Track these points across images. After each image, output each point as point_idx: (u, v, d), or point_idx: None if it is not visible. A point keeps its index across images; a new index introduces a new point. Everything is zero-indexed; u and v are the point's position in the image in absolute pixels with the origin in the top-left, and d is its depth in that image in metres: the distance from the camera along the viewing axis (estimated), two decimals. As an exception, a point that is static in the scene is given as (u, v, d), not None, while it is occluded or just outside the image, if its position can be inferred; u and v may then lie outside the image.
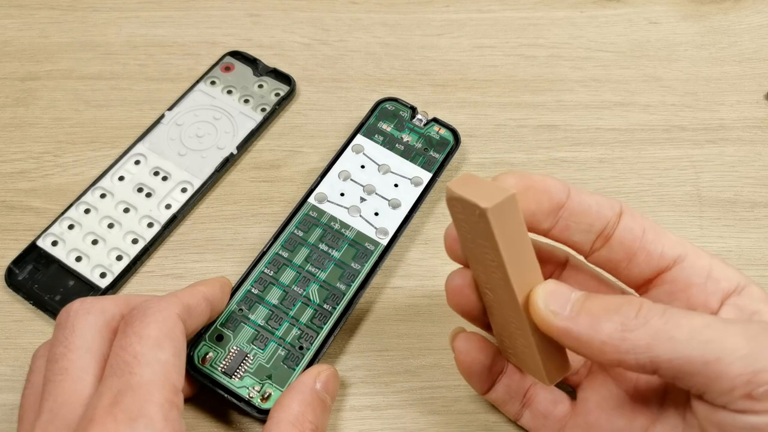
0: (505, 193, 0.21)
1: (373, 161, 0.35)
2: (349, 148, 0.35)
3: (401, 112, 0.36)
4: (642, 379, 0.25)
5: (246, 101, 0.38)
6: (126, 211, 0.35)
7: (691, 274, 0.23)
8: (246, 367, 0.29)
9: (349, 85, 0.40)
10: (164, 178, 0.35)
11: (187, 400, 0.29)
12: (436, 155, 0.35)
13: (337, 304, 0.31)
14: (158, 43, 0.41)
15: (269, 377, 0.29)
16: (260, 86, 0.39)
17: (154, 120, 0.37)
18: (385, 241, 0.32)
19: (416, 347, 0.31)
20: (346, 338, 0.32)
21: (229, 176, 0.37)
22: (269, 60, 0.40)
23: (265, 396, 0.28)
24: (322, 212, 0.33)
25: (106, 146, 0.37)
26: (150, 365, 0.23)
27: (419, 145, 0.35)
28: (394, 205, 0.34)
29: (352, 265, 0.32)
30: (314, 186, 0.34)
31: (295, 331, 0.30)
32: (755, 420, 0.20)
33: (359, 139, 0.36)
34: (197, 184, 0.35)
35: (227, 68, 0.39)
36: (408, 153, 0.35)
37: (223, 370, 0.29)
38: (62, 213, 0.34)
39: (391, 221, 0.33)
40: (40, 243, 0.33)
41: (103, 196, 0.35)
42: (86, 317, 0.24)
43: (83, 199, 0.35)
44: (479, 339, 0.27)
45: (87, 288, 0.32)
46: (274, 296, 0.31)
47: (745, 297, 0.23)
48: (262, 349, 0.29)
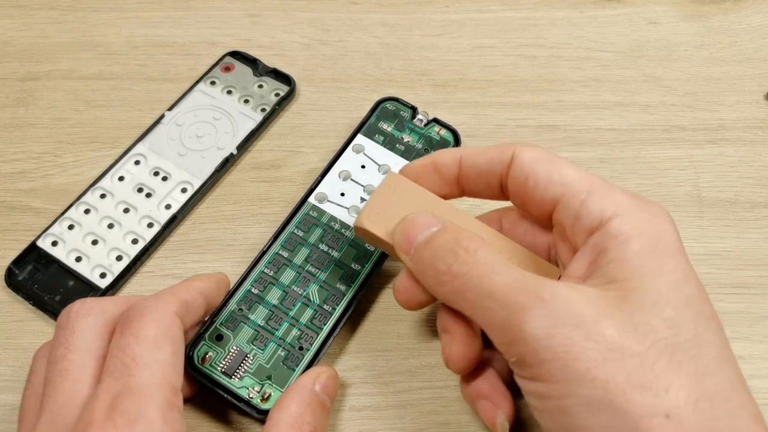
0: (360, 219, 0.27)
1: (374, 161, 0.35)
2: (349, 148, 0.35)
3: (402, 112, 0.36)
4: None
5: (246, 101, 0.38)
6: (126, 211, 0.35)
7: (565, 216, 0.25)
8: (246, 368, 0.29)
9: (349, 85, 0.40)
10: (164, 179, 0.35)
11: (187, 401, 0.29)
12: None
13: (337, 305, 0.31)
14: (158, 43, 0.41)
15: (269, 378, 0.29)
16: (260, 86, 0.39)
17: (154, 120, 0.37)
18: None
19: (416, 347, 0.31)
20: (346, 338, 0.32)
21: (229, 176, 0.37)
22: (269, 60, 0.40)
23: (265, 396, 0.28)
24: (322, 212, 0.33)
25: (106, 146, 0.37)
26: (149, 367, 0.23)
27: (420, 145, 0.35)
28: None
29: (353, 265, 0.32)
30: (314, 186, 0.34)
31: (295, 332, 0.30)
32: (523, 384, 0.23)
33: (360, 138, 0.36)
34: (197, 184, 0.35)
35: (227, 68, 0.39)
36: (408, 153, 0.35)
37: (222, 370, 0.29)
38: (62, 213, 0.34)
39: None
40: (40, 243, 0.33)
41: (103, 196, 0.35)
42: (86, 318, 0.24)
43: (83, 199, 0.35)
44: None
45: (87, 288, 0.32)
46: (274, 296, 0.31)
47: (600, 234, 0.24)
48: (262, 350, 0.29)
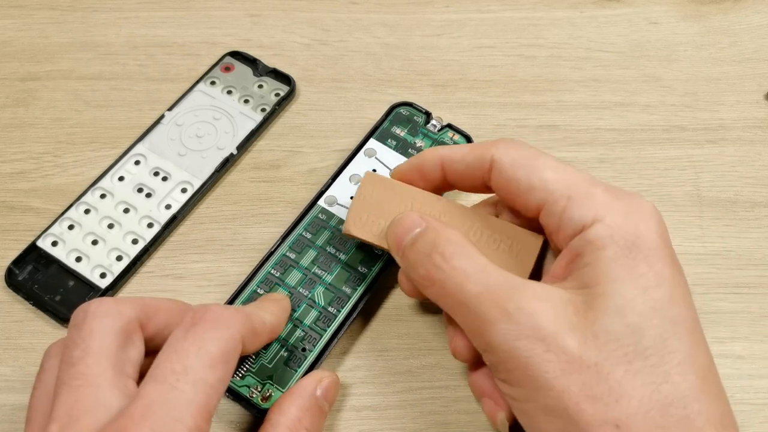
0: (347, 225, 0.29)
1: (386, 166, 0.35)
2: (361, 152, 0.35)
3: (415, 117, 0.36)
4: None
5: (246, 101, 0.38)
6: (126, 211, 0.35)
7: (549, 222, 0.25)
8: (248, 367, 0.29)
9: (349, 86, 0.40)
10: (164, 179, 0.35)
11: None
12: None
13: (342, 307, 0.31)
14: (158, 44, 0.41)
15: (270, 378, 0.29)
16: (260, 86, 0.39)
17: (154, 120, 0.37)
18: None
19: (416, 347, 0.31)
20: (346, 338, 0.32)
21: (229, 176, 0.37)
22: (269, 60, 0.40)
23: (266, 396, 0.28)
24: (331, 215, 0.33)
25: (106, 146, 0.37)
26: (195, 385, 0.22)
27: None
28: None
29: (359, 268, 0.32)
30: (324, 189, 0.34)
31: (298, 333, 0.30)
32: (498, 384, 0.25)
33: (372, 143, 0.35)
34: (197, 184, 0.35)
35: (227, 68, 0.39)
36: None
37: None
38: (62, 213, 0.34)
39: None
40: (40, 243, 0.33)
41: (103, 196, 0.35)
42: (104, 320, 0.23)
43: (83, 199, 0.35)
44: None
45: (87, 288, 0.32)
46: None
47: (579, 239, 0.24)
48: (265, 350, 0.29)
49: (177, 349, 0.22)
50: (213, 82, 0.39)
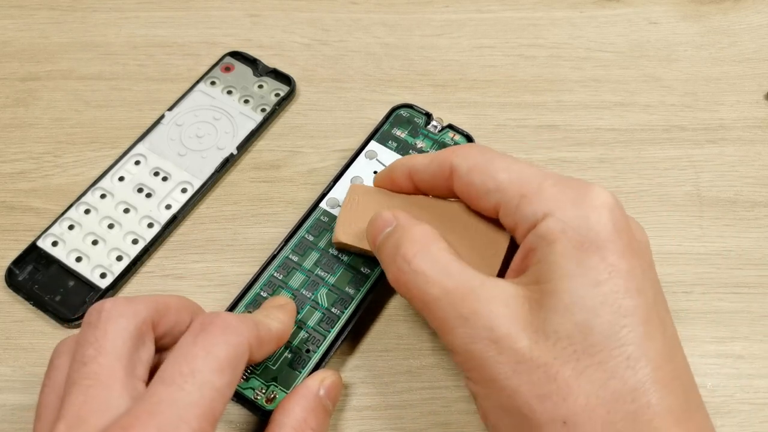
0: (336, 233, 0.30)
1: (387, 167, 0.35)
2: (362, 154, 0.35)
3: (416, 119, 0.36)
4: None
5: (246, 101, 0.38)
6: (126, 211, 0.35)
7: (506, 221, 0.26)
8: (252, 369, 0.29)
9: (349, 86, 0.40)
10: (164, 179, 0.35)
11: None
12: None
13: (345, 309, 0.31)
14: (158, 44, 0.41)
15: (275, 380, 0.29)
16: (260, 86, 0.39)
17: (154, 120, 0.37)
18: None
19: (417, 348, 0.31)
20: (348, 339, 0.32)
21: (229, 176, 0.37)
22: (269, 60, 0.40)
23: (270, 398, 0.28)
24: (333, 217, 0.33)
25: (106, 146, 0.37)
26: (202, 388, 0.22)
27: (433, 151, 0.35)
28: None
29: (362, 269, 0.31)
30: (326, 191, 0.34)
31: (302, 334, 0.30)
32: (465, 381, 0.25)
33: (373, 145, 0.35)
34: (197, 184, 0.35)
35: (227, 68, 0.39)
36: None
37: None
38: (62, 213, 0.34)
39: None
40: (40, 243, 0.33)
41: (103, 196, 0.35)
42: (119, 320, 0.23)
43: (83, 199, 0.35)
44: None
45: (87, 288, 0.32)
46: None
47: (531, 235, 0.24)
48: None
49: (185, 352, 0.22)
50: (213, 82, 0.39)
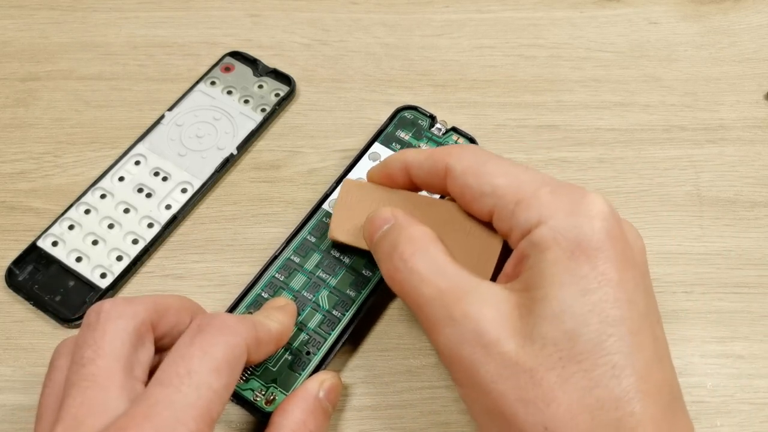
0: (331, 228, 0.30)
1: None
2: (365, 156, 0.35)
3: (420, 121, 0.36)
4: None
5: (246, 102, 0.38)
6: (126, 211, 0.35)
7: (500, 226, 0.26)
8: (252, 370, 0.29)
9: (349, 86, 0.40)
10: (164, 179, 0.35)
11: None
12: None
13: (347, 311, 0.31)
14: (158, 44, 0.41)
15: (275, 381, 0.29)
16: (260, 87, 0.39)
17: (154, 120, 0.37)
18: None
19: (417, 347, 0.31)
20: (349, 339, 0.32)
21: (229, 177, 0.37)
22: (269, 60, 0.40)
23: (270, 399, 0.28)
24: None
25: (106, 147, 0.37)
26: (199, 389, 0.22)
27: (429, 147, 0.35)
28: None
29: (363, 271, 0.31)
30: (329, 192, 0.34)
31: (302, 336, 0.30)
32: (454, 383, 0.26)
33: (376, 147, 0.35)
34: (197, 184, 0.35)
35: (227, 69, 0.39)
36: None
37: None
38: (62, 213, 0.34)
39: None
40: (40, 243, 0.33)
41: (103, 196, 0.35)
42: (117, 322, 0.23)
43: (83, 199, 0.35)
44: None
45: (87, 288, 0.32)
46: None
47: (525, 241, 0.24)
48: None
49: (183, 353, 0.22)
50: (213, 83, 0.39)
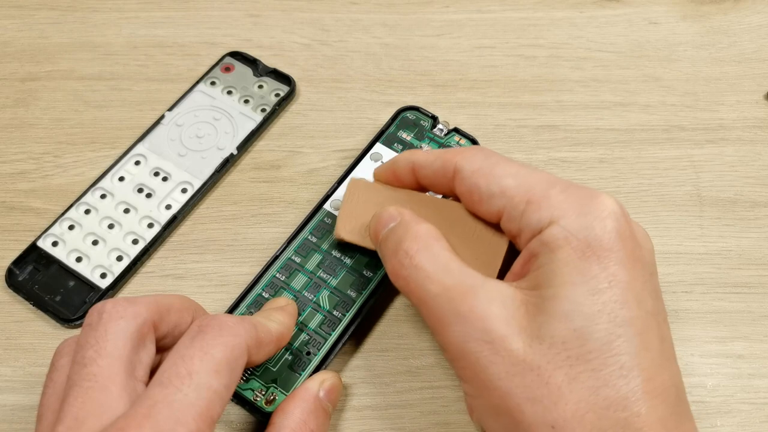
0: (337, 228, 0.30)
1: None
2: (367, 157, 0.35)
3: (422, 122, 0.36)
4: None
5: (246, 102, 0.38)
6: (126, 211, 0.35)
7: (509, 227, 0.26)
8: (252, 370, 0.29)
9: (349, 86, 0.40)
10: (164, 179, 0.35)
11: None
12: None
13: (347, 311, 0.31)
14: (158, 44, 0.41)
15: (275, 381, 0.29)
16: (260, 87, 0.39)
17: (154, 120, 0.37)
18: None
19: (417, 347, 0.31)
20: (348, 340, 0.32)
21: (229, 177, 0.37)
22: (269, 60, 0.40)
23: (270, 400, 0.28)
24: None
25: (106, 147, 0.37)
26: (199, 389, 0.22)
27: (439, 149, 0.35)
28: None
29: (364, 272, 0.31)
30: (330, 192, 0.34)
31: (303, 337, 0.30)
32: (459, 380, 0.25)
33: (378, 147, 0.35)
34: (197, 184, 0.35)
35: (227, 69, 0.39)
36: None
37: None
38: (62, 213, 0.34)
39: None
40: (40, 243, 0.33)
41: (103, 196, 0.35)
42: (119, 322, 0.23)
43: (83, 199, 0.35)
44: None
45: (87, 288, 0.32)
46: None
47: (536, 240, 0.24)
48: None
49: (183, 354, 0.22)
50: (213, 83, 0.39)
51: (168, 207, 0.35)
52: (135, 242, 0.34)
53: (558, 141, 0.38)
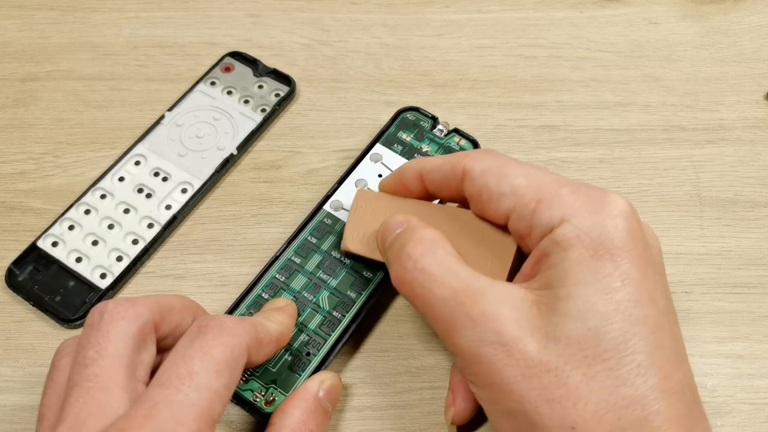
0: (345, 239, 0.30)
1: (392, 171, 0.34)
2: (367, 157, 0.35)
3: (422, 122, 0.36)
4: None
5: (246, 102, 0.38)
6: (126, 211, 0.35)
7: (519, 226, 0.26)
8: (252, 371, 0.29)
9: (349, 86, 0.40)
10: (164, 179, 0.35)
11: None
12: None
13: (347, 312, 0.30)
14: (158, 44, 0.41)
15: (274, 382, 0.29)
16: (260, 87, 0.39)
17: (154, 121, 0.37)
18: None
19: (417, 348, 0.31)
20: (348, 340, 0.32)
21: (229, 177, 0.37)
22: (269, 60, 0.40)
23: (270, 400, 0.28)
24: (336, 220, 0.33)
25: (106, 147, 0.37)
26: (199, 389, 0.22)
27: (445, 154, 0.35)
28: None
29: (364, 273, 0.31)
30: (330, 193, 0.34)
31: (302, 337, 0.30)
32: (469, 384, 0.25)
33: (378, 148, 0.35)
34: (197, 184, 0.35)
35: (227, 69, 0.39)
36: None
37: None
38: (62, 214, 0.34)
39: None
40: (40, 244, 0.33)
41: (103, 196, 0.35)
42: (120, 323, 0.23)
43: (83, 199, 0.35)
44: None
45: (87, 289, 0.32)
46: None
47: (547, 240, 0.24)
48: None
49: (183, 355, 0.22)
50: (213, 83, 0.39)
51: (168, 207, 0.35)
52: (135, 242, 0.34)
53: (558, 141, 0.38)
